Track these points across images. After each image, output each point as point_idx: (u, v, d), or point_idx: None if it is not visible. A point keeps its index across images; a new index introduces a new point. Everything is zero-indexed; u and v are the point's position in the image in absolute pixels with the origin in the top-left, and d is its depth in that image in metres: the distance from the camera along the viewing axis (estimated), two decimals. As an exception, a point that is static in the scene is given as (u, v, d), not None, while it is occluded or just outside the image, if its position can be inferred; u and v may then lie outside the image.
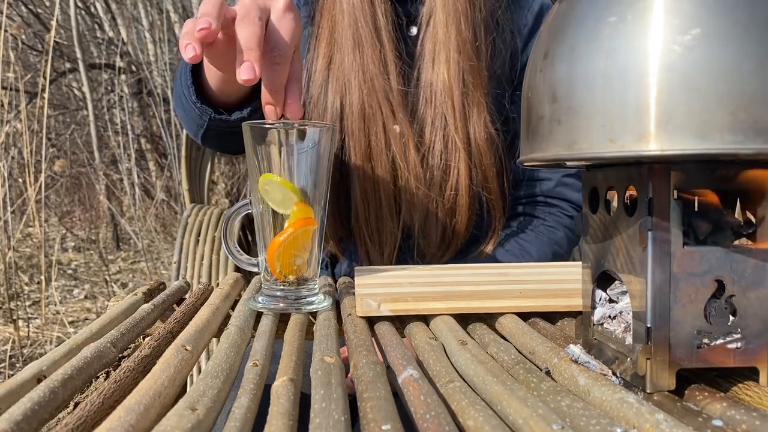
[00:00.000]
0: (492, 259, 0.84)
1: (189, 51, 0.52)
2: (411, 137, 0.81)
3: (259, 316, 0.52)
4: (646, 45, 0.31)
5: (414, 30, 0.84)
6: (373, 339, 0.47)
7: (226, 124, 0.73)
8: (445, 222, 0.83)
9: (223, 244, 0.58)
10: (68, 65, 3.88)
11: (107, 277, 3.06)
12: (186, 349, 0.40)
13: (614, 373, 0.37)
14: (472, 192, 0.83)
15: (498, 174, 0.84)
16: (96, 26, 4.09)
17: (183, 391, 0.35)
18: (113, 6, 4.03)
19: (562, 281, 0.56)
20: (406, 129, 0.81)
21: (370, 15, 0.81)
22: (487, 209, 0.85)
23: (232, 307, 0.57)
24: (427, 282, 0.58)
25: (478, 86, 0.81)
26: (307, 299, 0.54)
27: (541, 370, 0.38)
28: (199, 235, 1.17)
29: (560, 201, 0.89)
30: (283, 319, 0.52)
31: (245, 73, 0.52)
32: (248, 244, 1.30)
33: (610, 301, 0.40)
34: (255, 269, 0.58)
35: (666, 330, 0.34)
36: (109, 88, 3.94)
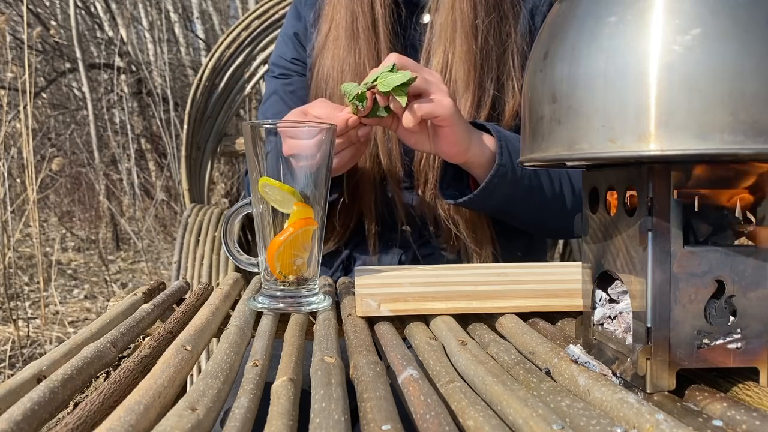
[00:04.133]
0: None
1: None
2: (394, 135, 0.83)
3: (259, 316, 0.52)
4: (646, 45, 0.31)
5: (427, 18, 0.85)
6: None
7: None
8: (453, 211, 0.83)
9: (223, 244, 0.58)
10: (68, 65, 3.88)
11: (107, 277, 3.06)
12: (186, 349, 0.40)
13: (614, 374, 0.37)
14: None
15: None
16: (96, 26, 4.09)
17: (183, 391, 0.35)
18: (113, 6, 4.03)
19: (562, 281, 0.56)
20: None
21: (368, 7, 0.82)
22: None
23: (232, 307, 0.57)
24: (427, 282, 0.57)
25: (476, 71, 0.81)
26: (307, 299, 0.54)
27: (541, 370, 0.38)
28: (199, 235, 1.17)
29: None
30: (283, 319, 0.52)
31: None
32: (248, 244, 1.30)
33: (611, 300, 0.40)
34: (255, 269, 0.58)
35: (666, 330, 0.34)
36: (109, 88, 3.94)
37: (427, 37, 0.84)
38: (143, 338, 0.50)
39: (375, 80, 0.64)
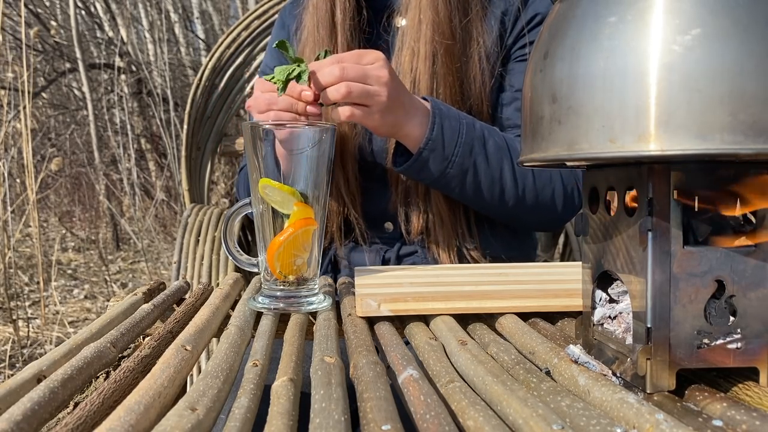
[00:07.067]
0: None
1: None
2: (350, 140, 0.85)
3: (259, 316, 0.52)
4: (646, 45, 0.31)
5: (403, 21, 0.86)
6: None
7: None
8: (423, 206, 0.85)
9: (223, 244, 0.58)
10: (68, 65, 3.88)
11: (107, 277, 3.06)
12: (186, 349, 0.40)
13: (614, 374, 0.37)
14: None
15: None
16: (96, 26, 4.08)
17: (183, 391, 0.35)
18: (113, 6, 4.03)
19: (562, 281, 0.56)
20: (349, 128, 0.85)
21: (328, 13, 0.84)
22: None
23: (232, 307, 0.57)
24: (427, 282, 0.57)
25: (450, 68, 0.82)
26: (307, 299, 0.54)
27: (541, 370, 0.38)
28: (199, 235, 1.17)
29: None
30: (283, 319, 0.52)
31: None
32: (248, 244, 1.30)
33: (611, 300, 0.40)
34: (255, 269, 0.58)
35: (666, 330, 0.34)
36: (109, 88, 3.94)
37: (398, 39, 0.85)
38: (143, 338, 0.50)
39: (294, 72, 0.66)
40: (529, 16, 0.86)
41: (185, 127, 1.38)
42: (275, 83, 0.65)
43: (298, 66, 0.66)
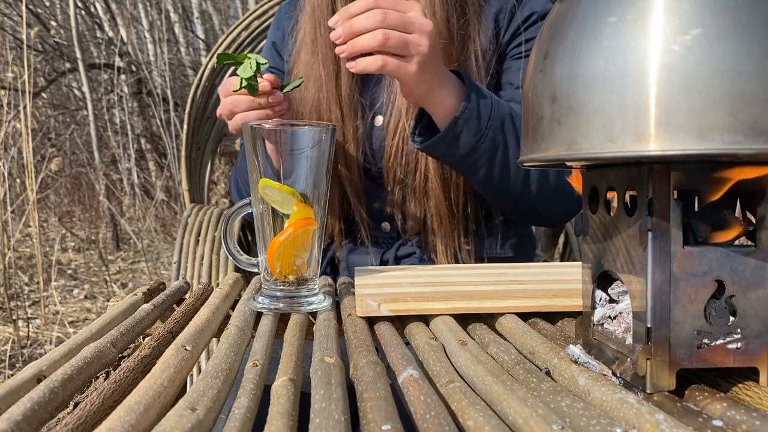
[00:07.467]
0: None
1: None
2: (352, 140, 0.84)
3: (259, 316, 0.52)
4: (646, 45, 0.31)
5: None
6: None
7: None
8: (421, 206, 0.84)
9: (223, 244, 0.58)
10: (68, 65, 3.88)
11: (107, 277, 3.06)
12: (186, 349, 0.40)
13: (614, 374, 0.37)
14: (444, 175, 0.82)
15: None
16: (96, 26, 4.08)
17: (183, 391, 0.35)
18: (113, 6, 4.03)
19: (562, 281, 0.56)
20: (352, 128, 0.84)
21: (329, 12, 0.84)
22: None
23: (232, 307, 0.57)
24: (427, 282, 0.57)
25: (448, 67, 0.82)
26: (307, 299, 0.54)
27: (541, 370, 0.38)
28: (199, 235, 1.17)
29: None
30: (283, 319, 0.52)
31: None
32: (248, 244, 1.30)
33: (611, 300, 0.40)
34: (255, 269, 0.58)
35: (666, 330, 0.34)
36: (109, 88, 3.94)
37: None
38: (143, 338, 0.50)
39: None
40: (525, 15, 0.86)
41: (185, 127, 1.38)
42: (242, 87, 0.66)
43: (248, 59, 0.65)
